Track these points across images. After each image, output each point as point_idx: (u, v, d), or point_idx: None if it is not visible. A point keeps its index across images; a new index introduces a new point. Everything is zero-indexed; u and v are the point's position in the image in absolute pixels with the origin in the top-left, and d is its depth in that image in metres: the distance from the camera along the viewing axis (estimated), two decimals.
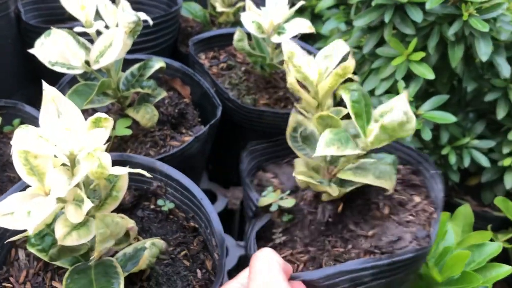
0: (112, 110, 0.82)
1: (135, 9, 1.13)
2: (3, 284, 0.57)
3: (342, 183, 0.61)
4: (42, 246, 0.54)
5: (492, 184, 1.14)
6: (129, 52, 0.91)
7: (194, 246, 0.63)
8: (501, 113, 0.98)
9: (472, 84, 0.89)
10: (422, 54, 0.81)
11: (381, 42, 0.89)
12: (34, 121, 0.80)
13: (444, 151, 1.02)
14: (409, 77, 0.87)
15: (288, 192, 0.67)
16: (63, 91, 0.80)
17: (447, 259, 0.61)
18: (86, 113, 0.79)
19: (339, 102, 0.67)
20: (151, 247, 0.53)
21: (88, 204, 0.44)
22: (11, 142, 0.44)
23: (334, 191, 0.58)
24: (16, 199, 0.45)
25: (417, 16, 0.78)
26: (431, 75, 0.81)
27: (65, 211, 0.46)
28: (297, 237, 0.63)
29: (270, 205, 0.67)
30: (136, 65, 0.81)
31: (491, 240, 1.05)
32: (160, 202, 0.67)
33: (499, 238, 1.10)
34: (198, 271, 0.60)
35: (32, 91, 0.95)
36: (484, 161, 1.02)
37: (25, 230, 0.44)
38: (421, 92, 0.92)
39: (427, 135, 0.86)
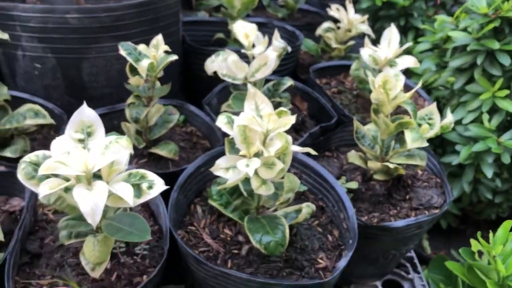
0: None
1: None
2: (189, 227, 0.78)
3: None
4: (221, 202, 0.75)
5: None
6: None
7: (323, 219, 0.83)
8: None
9: None
10: (506, 92, 0.99)
11: (469, 81, 1.07)
12: (195, 118, 1.03)
13: None
14: (493, 110, 1.05)
15: (345, 178, 0.93)
16: (214, 97, 1.04)
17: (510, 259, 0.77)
18: None
19: None
20: (306, 207, 0.73)
21: (279, 166, 0.64)
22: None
23: (400, 171, 0.87)
24: (227, 159, 0.67)
25: (505, 60, 0.96)
26: None
27: (259, 171, 0.66)
28: (361, 207, 0.88)
29: None
30: (271, 83, 1.03)
31: None
32: None
33: None
34: (329, 236, 0.79)
35: (182, 96, 1.20)
36: None
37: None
38: (503, 124, 1.09)
39: (506, 159, 1.03)
